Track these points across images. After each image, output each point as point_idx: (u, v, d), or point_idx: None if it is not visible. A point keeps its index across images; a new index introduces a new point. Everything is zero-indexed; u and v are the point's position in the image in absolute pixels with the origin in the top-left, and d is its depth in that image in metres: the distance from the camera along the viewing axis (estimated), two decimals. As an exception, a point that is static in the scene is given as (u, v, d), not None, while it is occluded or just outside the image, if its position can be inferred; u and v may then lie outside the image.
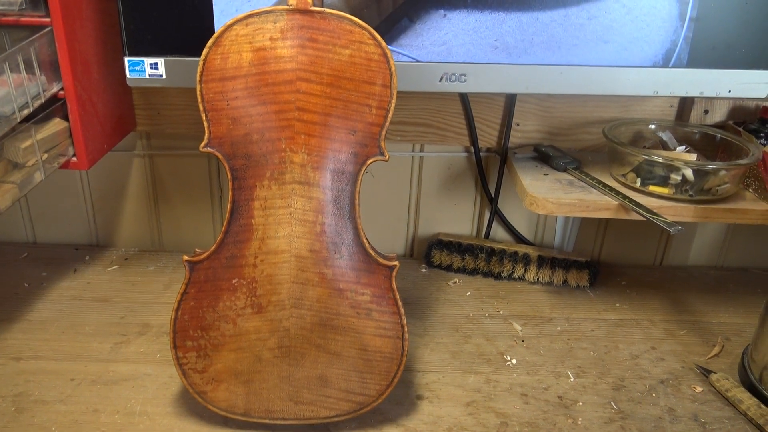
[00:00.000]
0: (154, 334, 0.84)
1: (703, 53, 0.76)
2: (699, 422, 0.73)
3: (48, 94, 0.73)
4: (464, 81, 0.76)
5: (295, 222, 0.65)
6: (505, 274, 0.99)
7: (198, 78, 0.63)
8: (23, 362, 0.78)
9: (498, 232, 1.04)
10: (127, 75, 0.75)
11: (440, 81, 0.76)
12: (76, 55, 0.74)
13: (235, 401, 0.68)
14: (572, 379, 0.79)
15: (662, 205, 0.80)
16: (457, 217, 1.03)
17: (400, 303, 0.67)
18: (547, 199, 0.81)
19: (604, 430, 0.71)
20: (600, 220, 1.03)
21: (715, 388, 0.78)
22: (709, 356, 0.84)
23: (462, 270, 1.00)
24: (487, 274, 1.00)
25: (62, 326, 0.85)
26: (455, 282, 0.99)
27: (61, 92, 0.75)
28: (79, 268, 0.98)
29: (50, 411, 0.70)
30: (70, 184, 1.00)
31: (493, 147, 0.97)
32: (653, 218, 0.76)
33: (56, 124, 0.76)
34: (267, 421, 0.69)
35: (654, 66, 0.76)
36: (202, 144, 0.64)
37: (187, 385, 0.68)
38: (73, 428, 0.68)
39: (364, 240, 0.66)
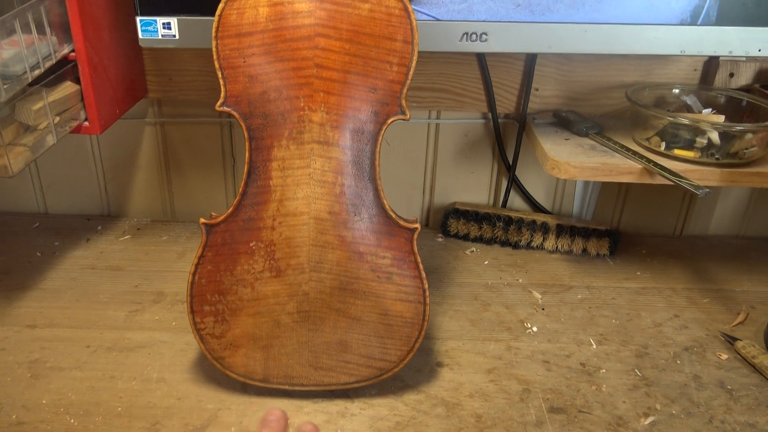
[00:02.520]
0: (169, 302, 0.83)
1: (732, 10, 0.73)
2: (726, 389, 0.71)
3: (59, 56, 0.72)
4: (485, 40, 0.74)
5: (314, 183, 0.63)
6: (523, 242, 0.97)
7: (214, 34, 0.61)
8: (38, 329, 0.77)
9: (515, 200, 1.02)
10: (140, 35, 0.73)
11: (460, 40, 0.74)
12: (87, 16, 0.72)
13: (254, 367, 0.67)
14: (594, 347, 0.77)
15: (687, 169, 0.78)
16: (473, 186, 1.01)
17: (421, 267, 0.65)
18: (570, 163, 0.79)
19: (628, 397, 0.70)
20: (620, 188, 1.00)
21: (740, 355, 0.76)
22: (734, 324, 0.82)
23: (479, 239, 0.99)
24: (505, 243, 0.98)
25: (76, 294, 0.84)
26: (472, 251, 0.97)
27: (72, 54, 0.73)
28: (91, 237, 0.97)
29: (66, 377, 0.70)
30: (81, 154, 0.99)
31: (511, 113, 0.95)
32: (679, 181, 0.74)
33: (67, 87, 0.74)
34: (286, 387, 0.68)
35: (681, 24, 0.74)
36: (219, 103, 0.62)
37: (205, 351, 0.67)
38: (89, 394, 0.68)
39: (385, 202, 0.65)
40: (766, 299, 0.87)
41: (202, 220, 0.65)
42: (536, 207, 1.02)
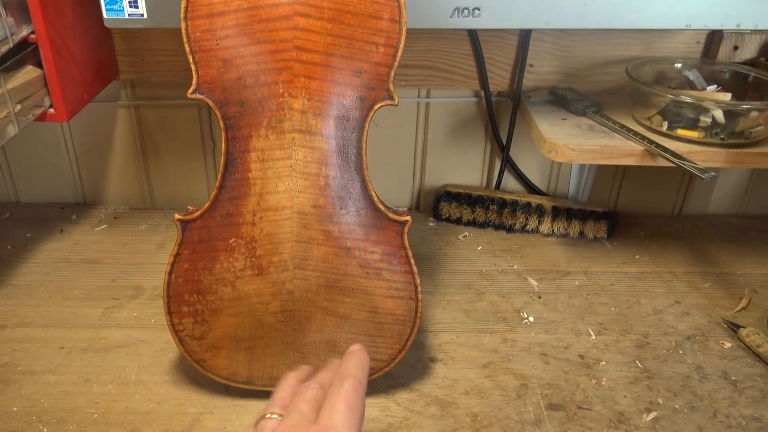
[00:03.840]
0: (148, 298, 0.79)
1: (741, -20, 0.68)
2: (730, 380, 0.69)
3: (17, 38, 0.66)
4: (478, 16, 0.69)
5: (296, 175, 0.59)
6: (517, 226, 0.94)
7: (182, 15, 0.56)
8: (8, 330, 0.73)
9: (509, 182, 0.98)
10: (104, 15, 0.68)
11: (452, 16, 0.69)
12: (46, -6, 0.67)
13: (237, 369, 0.63)
14: (594, 337, 0.74)
15: (691, 150, 0.74)
16: (466, 167, 0.97)
17: (412, 261, 0.62)
18: (568, 145, 0.74)
19: (629, 391, 0.67)
20: (617, 168, 0.97)
21: (744, 343, 0.73)
22: (737, 309, 0.79)
23: (472, 223, 0.95)
24: (499, 227, 0.94)
25: (49, 290, 0.79)
26: (465, 236, 0.93)
27: (32, 36, 0.68)
28: (65, 228, 0.92)
29: (39, 382, 0.66)
30: (52, 139, 0.93)
31: (505, 91, 0.90)
32: (683, 164, 0.70)
33: (29, 72, 0.69)
34: (271, 389, 0.63)
35: (687, -4, 0.69)
36: (190, 90, 0.58)
37: (185, 353, 0.63)
38: (64, 399, 0.64)
39: (373, 194, 0.60)
40: (768, 282, 0.85)
41: (177, 216, 0.60)
42: (531, 188, 0.98)
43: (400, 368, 0.68)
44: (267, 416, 0.44)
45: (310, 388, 0.45)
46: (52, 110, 0.72)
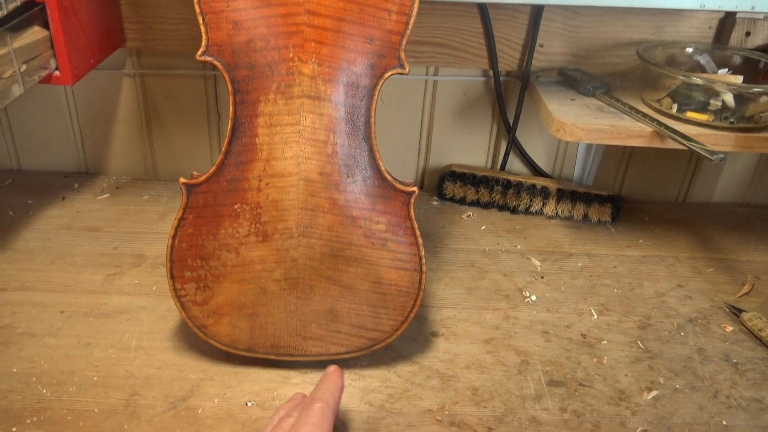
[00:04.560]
0: (150, 266, 0.78)
1: (757, -39, 0.68)
2: (731, 362, 0.68)
3: (24, -3, 0.65)
4: (491, -11, 0.68)
5: (303, 141, 0.59)
6: (521, 207, 0.93)
7: (193, -26, 0.55)
8: (8, 293, 0.72)
9: (514, 163, 0.98)
10: (113, -24, 0.67)
11: (464, -12, 0.68)
12: (54, -47, 0.66)
13: (239, 336, 0.63)
14: (596, 317, 0.74)
15: (700, 133, 0.73)
16: (471, 147, 0.97)
17: (418, 233, 0.61)
18: (576, 124, 0.74)
19: (631, 370, 0.67)
20: (623, 153, 0.96)
21: (746, 327, 0.73)
22: (739, 295, 0.79)
23: (476, 203, 0.94)
24: (503, 208, 0.94)
25: (50, 256, 0.79)
26: (469, 215, 0.93)
27: (40, -5, 0.67)
28: (67, 196, 0.92)
29: (39, 344, 0.66)
30: (56, 107, 0.93)
31: (514, 71, 0.90)
32: (692, 146, 0.70)
33: (35, 33, 0.68)
34: (273, 357, 0.64)
35: (702, -25, 0.69)
36: (199, 51, 0.57)
37: (187, 319, 0.63)
38: (63, 362, 0.64)
39: (380, 163, 0.60)
40: (771, 270, 0.84)
41: (182, 179, 0.60)
42: (536, 170, 0.97)
43: (401, 341, 0.68)
44: None
45: (290, 416, 0.51)
46: (57, 72, 0.71)
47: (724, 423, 0.61)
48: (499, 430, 0.59)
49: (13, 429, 0.56)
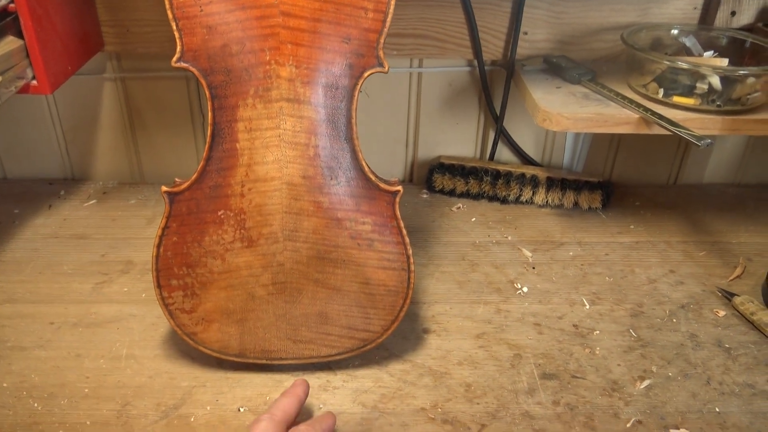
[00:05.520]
0: (138, 272, 0.78)
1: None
2: (723, 348, 0.68)
3: (-4, 7, 0.64)
4: (470, -20, 0.67)
5: (285, 145, 0.58)
6: (511, 197, 0.93)
7: (164, -21, 0.54)
8: (-3, 306, 0.72)
9: (503, 153, 0.97)
10: (86, -18, 0.66)
11: (443, -19, 0.67)
12: (24, -40, 0.64)
13: (229, 342, 0.63)
14: (587, 307, 0.74)
15: (687, 118, 0.73)
16: (459, 138, 0.96)
17: (404, 232, 0.61)
18: (562, 114, 0.73)
19: (623, 360, 0.67)
20: (612, 138, 0.96)
21: (738, 311, 0.73)
22: (731, 278, 0.79)
23: (466, 194, 0.94)
24: (493, 198, 0.94)
25: (38, 266, 0.79)
26: (459, 207, 0.92)
27: (12, 5, 0.66)
28: (54, 203, 0.91)
29: (29, 357, 0.65)
30: (38, 114, 0.92)
31: (499, 60, 0.89)
32: (679, 131, 0.69)
33: (10, 43, 0.67)
34: (264, 361, 0.64)
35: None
36: (174, 58, 0.56)
37: (175, 327, 0.62)
38: (54, 375, 0.63)
39: (364, 163, 0.59)
40: (763, 250, 0.84)
41: (164, 188, 0.59)
42: (525, 159, 0.97)
43: (393, 339, 0.68)
44: None
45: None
46: (34, 82, 0.70)
47: (717, 410, 0.61)
48: (492, 426, 0.59)
49: (6, 445, 0.56)
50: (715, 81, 0.73)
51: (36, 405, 0.60)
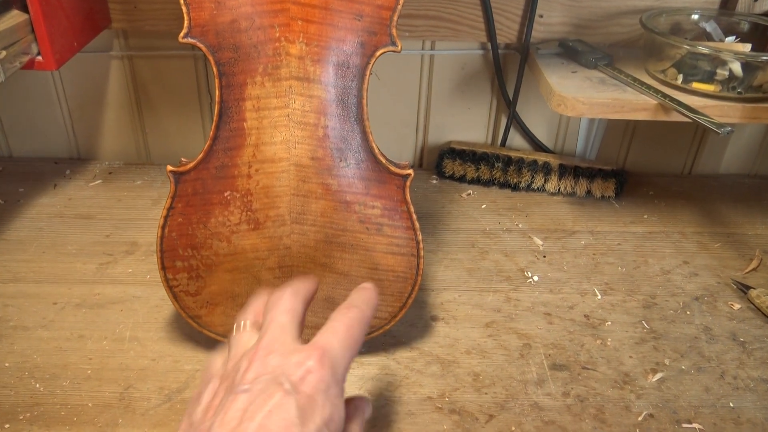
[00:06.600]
0: (143, 253, 0.77)
1: None
2: (738, 341, 0.67)
3: (0, -21, 0.63)
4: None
5: (293, 125, 0.56)
6: (523, 184, 0.91)
7: (172, -49, 0.52)
8: (0, 285, 0.71)
9: (515, 139, 0.95)
10: (92, -45, 0.64)
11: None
12: (29, -68, 0.63)
13: (233, 325, 0.62)
14: (599, 297, 0.72)
15: (706, 105, 0.71)
16: (470, 123, 0.94)
17: (414, 217, 0.59)
18: (578, 98, 0.71)
19: (635, 351, 0.65)
20: (627, 125, 0.94)
21: (754, 304, 0.72)
22: (747, 270, 0.77)
23: (476, 181, 0.92)
24: (504, 185, 0.92)
25: (42, 246, 0.78)
26: (469, 194, 0.91)
27: (17, -23, 0.64)
28: (59, 183, 0.90)
29: (31, 337, 0.64)
30: (44, 93, 0.90)
31: (513, 43, 0.87)
32: (699, 118, 0.67)
33: (14, 17, 0.66)
34: (269, 346, 0.62)
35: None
36: (182, 33, 0.54)
37: (180, 309, 0.61)
38: (57, 356, 0.63)
39: (374, 146, 0.58)
40: (780, 243, 0.82)
41: (170, 167, 0.58)
42: (537, 146, 0.95)
43: (400, 327, 0.67)
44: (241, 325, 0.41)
45: (285, 293, 0.41)
46: (39, 58, 0.69)
47: (731, 405, 0.60)
48: (500, 416, 0.58)
49: (6, 425, 0.55)
50: (736, 67, 0.71)
51: (38, 385, 0.59)
